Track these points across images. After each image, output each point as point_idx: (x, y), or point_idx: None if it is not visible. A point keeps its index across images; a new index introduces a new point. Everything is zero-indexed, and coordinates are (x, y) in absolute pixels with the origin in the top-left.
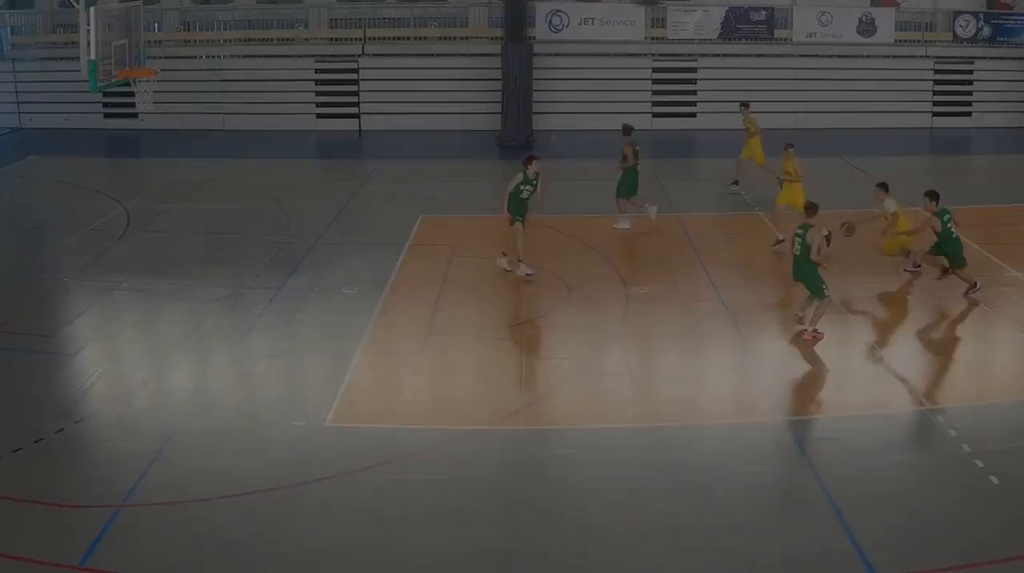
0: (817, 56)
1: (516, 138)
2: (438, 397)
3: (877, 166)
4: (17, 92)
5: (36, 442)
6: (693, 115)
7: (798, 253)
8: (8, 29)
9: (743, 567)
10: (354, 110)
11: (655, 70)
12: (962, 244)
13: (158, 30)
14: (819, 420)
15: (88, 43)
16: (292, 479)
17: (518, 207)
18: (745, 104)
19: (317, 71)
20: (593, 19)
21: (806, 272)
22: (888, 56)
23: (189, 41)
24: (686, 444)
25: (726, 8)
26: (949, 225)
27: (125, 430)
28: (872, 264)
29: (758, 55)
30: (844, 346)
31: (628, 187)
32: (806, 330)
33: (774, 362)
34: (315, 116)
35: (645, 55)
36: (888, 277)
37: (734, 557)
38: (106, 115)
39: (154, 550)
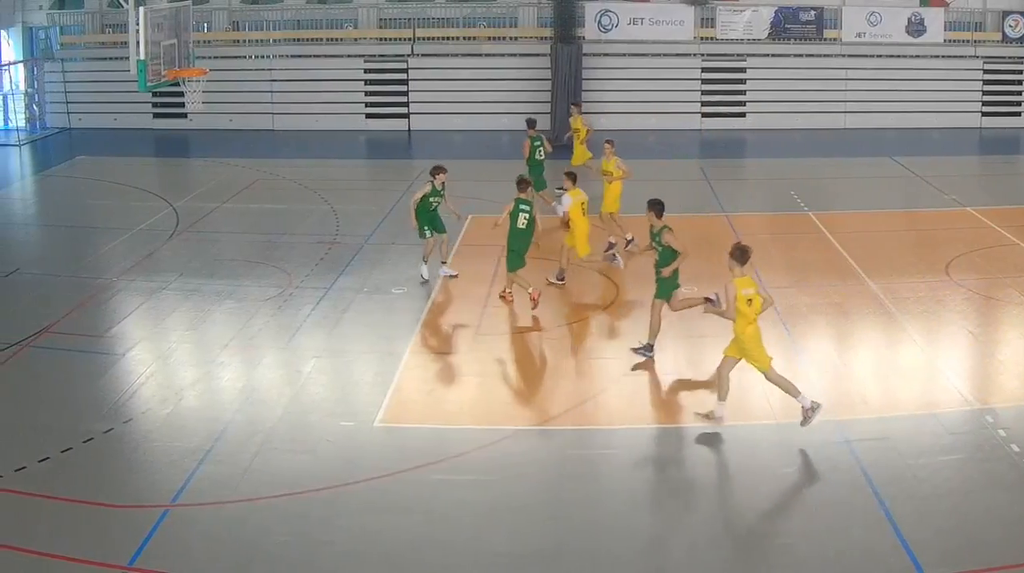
0: (866, 56)
1: (565, 138)
2: (487, 397)
3: (926, 166)
4: (66, 92)
5: (85, 442)
6: (742, 115)
7: (524, 226)
8: (57, 29)
9: (792, 567)
10: (403, 110)
11: (704, 70)
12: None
13: (207, 30)
14: (867, 420)
15: (137, 43)
16: (341, 479)
17: (432, 220)
18: (576, 104)
19: (366, 71)
20: (642, 19)
21: (525, 244)
22: (937, 56)
23: (238, 41)
24: (734, 444)
25: (775, 8)
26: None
27: (174, 430)
28: (919, 264)
29: (807, 55)
30: (893, 346)
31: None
32: (506, 291)
33: (822, 362)
34: (364, 116)
35: (694, 55)
36: (936, 278)
37: (782, 557)
38: (155, 115)
39: (203, 550)
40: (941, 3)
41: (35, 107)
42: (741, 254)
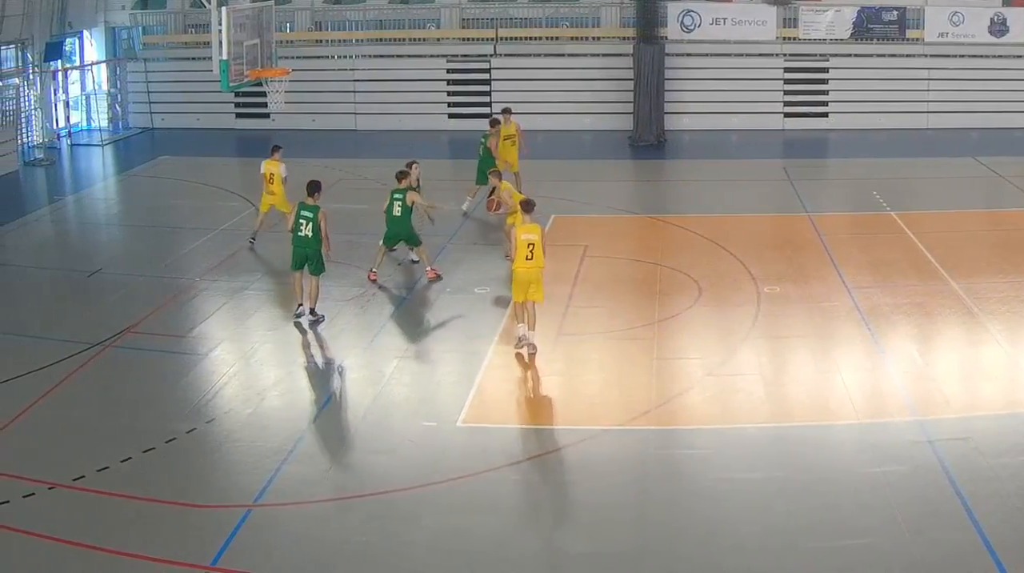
0: (949, 56)
1: (648, 138)
2: (569, 397)
3: (1009, 166)
4: (149, 92)
5: (168, 442)
6: (825, 115)
7: (399, 214)
8: (140, 29)
9: (874, 567)
10: (486, 110)
11: (787, 70)
12: None
13: (290, 30)
14: (950, 420)
15: (220, 43)
16: (424, 479)
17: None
18: (508, 111)
19: (449, 71)
20: (725, 19)
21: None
22: (1020, 56)
23: (321, 41)
24: (816, 444)
25: (858, 8)
26: None
27: (256, 430)
28: (1002, 264)
29: (890, 55)
30: (975, 346)
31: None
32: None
33: (905, 362)
34: (447, 116)
35: (777, 55)
36: (1020, 278)
37: (864, 557)
38: (238, 115)
39: (285, 550)
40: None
41: (118, 107)
42: (525, 205)
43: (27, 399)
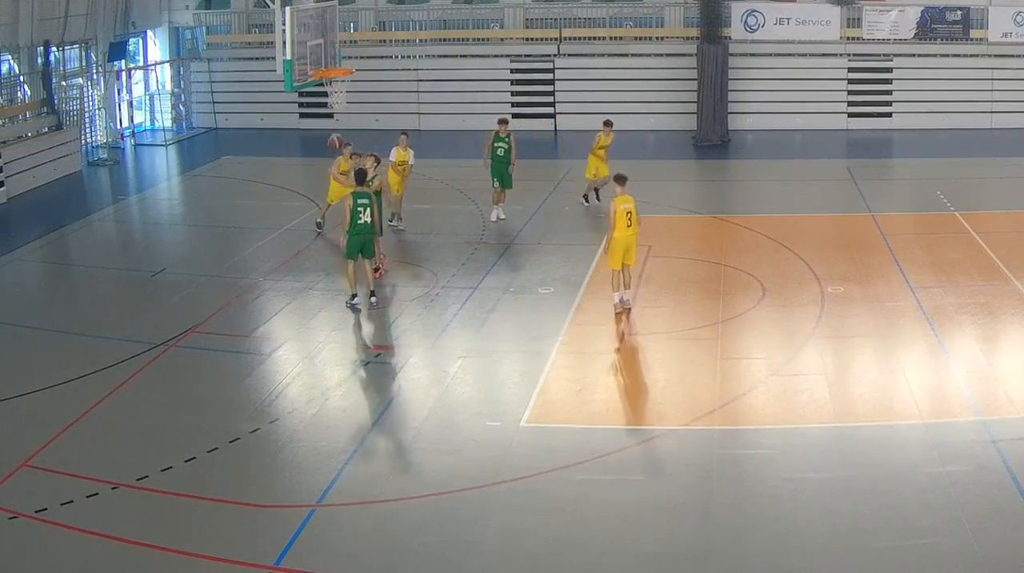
0: (1012, 56)
1: (712, 138)
2: (633, 397)
3: None
4: (212, 92)
5: (231, 442)
6: (888, 115)
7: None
8: (203, 29)
9: (938, 567)
10: (550, 110)
11: (850, 70)
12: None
13: (353, 30)
14: (1014, 420)
15: (284, 43)
16: (488, 479)
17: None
18: (608, 123)
19: (512, 71)
20: (789, 19)
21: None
22: None
23: (384, 41)
24: (880, 444)
25: (922, 8)
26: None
27: (320, 430)
28: None
29: (953, 55)
30: None
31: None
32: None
33: (968, 362)
34: (510, 116)
35: (840, 55)
36: None
37: (928, 557)
38: (301, 115)
39: (349, 550)
40: None
41: (181, 107)
42: (620, 179)
43: (91, 399)
